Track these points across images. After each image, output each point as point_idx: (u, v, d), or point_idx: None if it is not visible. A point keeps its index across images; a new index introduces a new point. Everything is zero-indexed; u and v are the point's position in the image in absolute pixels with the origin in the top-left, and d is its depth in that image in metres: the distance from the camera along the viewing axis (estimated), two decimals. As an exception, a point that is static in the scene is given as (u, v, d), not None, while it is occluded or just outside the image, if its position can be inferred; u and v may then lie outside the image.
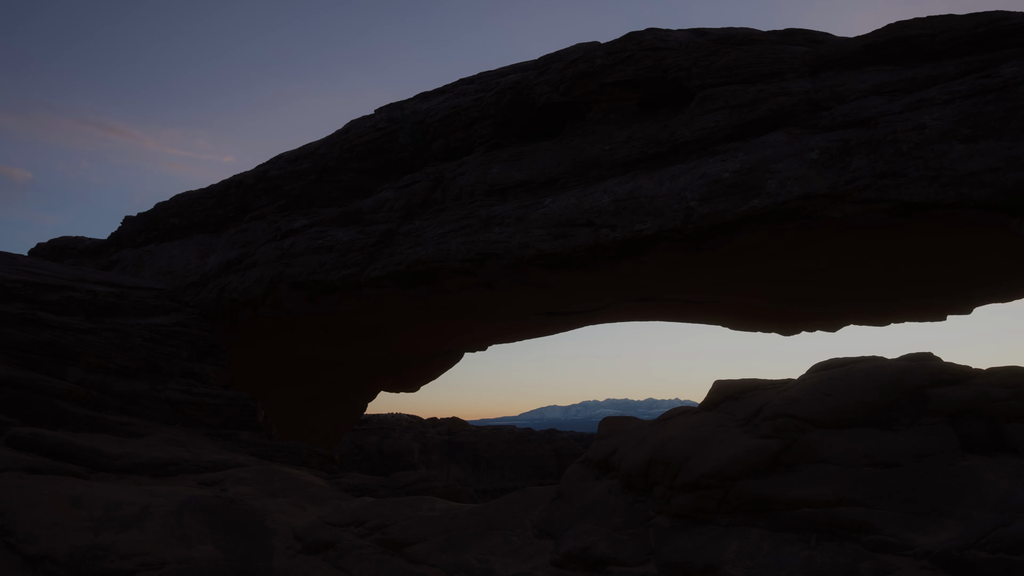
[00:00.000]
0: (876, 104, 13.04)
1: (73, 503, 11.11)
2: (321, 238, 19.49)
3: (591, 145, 16.37)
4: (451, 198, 18.03)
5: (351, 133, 22.18)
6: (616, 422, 11.45)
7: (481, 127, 19.05)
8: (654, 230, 14.26)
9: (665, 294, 17.85)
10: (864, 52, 13.95)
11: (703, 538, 7.64)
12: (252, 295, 20.04)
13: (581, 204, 15.30)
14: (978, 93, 11.91)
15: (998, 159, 11.20)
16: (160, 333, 19.17)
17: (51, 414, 15.47)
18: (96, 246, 29.12)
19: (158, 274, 24.29)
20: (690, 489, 8.12)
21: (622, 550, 8.06)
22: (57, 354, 17.09)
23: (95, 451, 13.68)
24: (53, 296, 18.64)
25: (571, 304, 18.81)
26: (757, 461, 7.89)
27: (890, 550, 6.55)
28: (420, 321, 20.90)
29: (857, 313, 17.58)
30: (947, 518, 6.63)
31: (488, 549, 9.64)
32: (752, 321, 19.37)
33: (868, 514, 6.88)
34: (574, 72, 16.95)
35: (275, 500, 12.91)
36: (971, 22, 13.14)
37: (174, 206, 26.66)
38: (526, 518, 10.22)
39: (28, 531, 10.22)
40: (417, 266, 17.10)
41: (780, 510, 7.40)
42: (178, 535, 10.73)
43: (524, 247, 15.65)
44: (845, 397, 8.26)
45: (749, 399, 9.22)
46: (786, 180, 13.03)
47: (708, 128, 14.68)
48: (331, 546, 10.77)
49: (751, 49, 15.18)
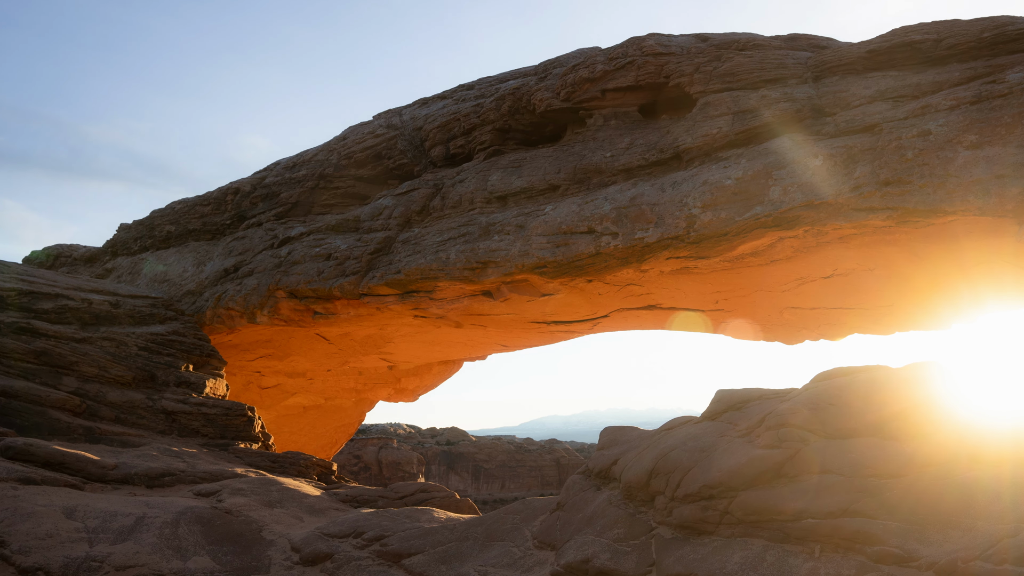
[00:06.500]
0: (880, 110, 12.95)
1: (67, 514, 11.01)
2: (319, 246, 19.41)
3: (592, 152, 16.29)
4: (450, 205, 17.95)
5: (349, 140, 22.11)
6: (617, 432, 11.37)
7: (481, 133, 18.98)
8: (656, 238, 14.19)
9: (667, 302, 17.77)
10: (868, 58, 13.86)
11: (705, 549, 7.53)
12: (249, 304, 19.96)
13: (582, 211, 15.22)
14: (984, 99, 11.80)
15: (1004, 166, 11.09)
16: (156, 342, 19.07)
17: (46, 424, 15.38)
18: (91, 254, 29.05)
19: (154, 282, 24.21)
20: (692, 500, 8.01)
21: (623, 562, 7.95)
22: (52, 363, 17.01)
23: (90, 461, 13.56)
24: (48, 304, 18.55)
25: (572, 313, 18.72)
26: (760, 472, 7.78)
27: (895, 561, 6.44)
28: (419, 330, 20.81)
29: (860, 322, 17.47)
30: (951, 529, 6.52)
31: (488, 561, 9.55)
32: (754, 329, 19.27)
33: (872, 525, 6.77)
34: (575, 78, 16.88)
35: (272, 511, 12.82)
36: (976, 27, 13.04)
37: (170, 213, 26.56)
38: (526, 529, 10.14)
39: (22, 543, 10.11)
40: (416, 274, 17.03)
41: (783, 521, 7.29)
42: (174, 546, 10.65)
43: (524, 255, 15.58)
44: (848, 407, 8.14)
45: (752, 409, 9.11)
46: (789, 187, 12.95)
47: (710, 134, 14.60)
48: (329, 557, 10.69)
49: (754, 55, 15.10)
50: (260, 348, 22.97)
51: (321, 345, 22.56)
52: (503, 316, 18.81)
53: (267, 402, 25.53)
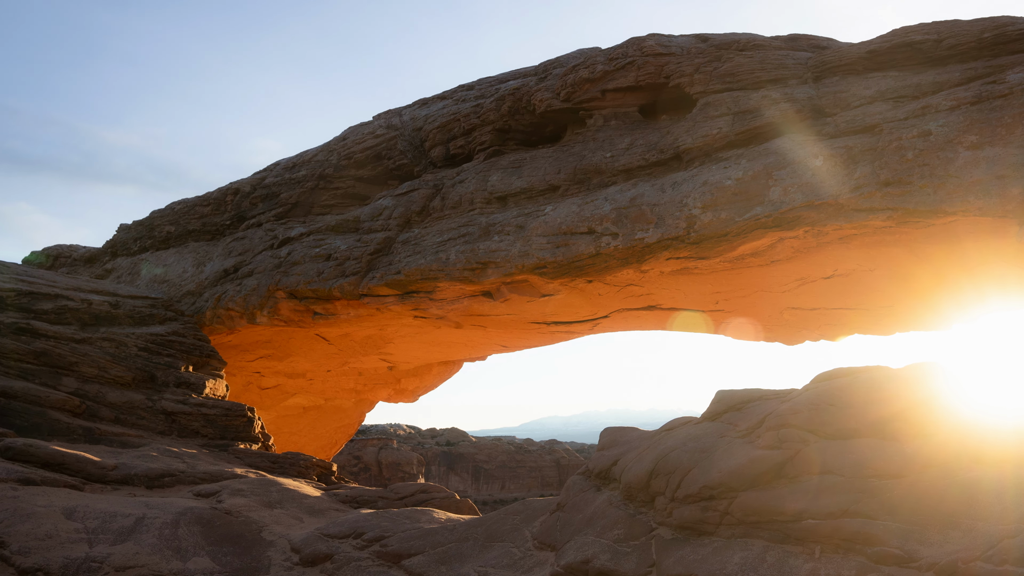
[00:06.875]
0: (881, 110, 12.93)
1: (67, 515, 11.00)
2: (319, 246, 19.40)
3: (592, 152, 16.27)
4: (450, 206, 17.93)
5: (349, 140, 22.09)
6: (617, 432, 11.36)
7: (481, 134, 18.96)
8: (656, 238, 14.18)
9: (667, 303, 17.75)
10: (868, 58, 13.84)
11: (705, 550, 7.51)
12: (249, 304, 19.95)
13: (582, 212, 15.21)
14: (984, 99, 11.78)
15: (1004, 166, 11.08)
16: (156, 343, 19.06)
17: (45, 425, 15.37)
18: (91, 254, 29.02)
19: (153, 283, 24.19)
20: (692, 501, 8.00)
21: (623, 563, 7.93)
22: (51, 364, 16.99)
23: (90, 462, 13.55)
24: (47, 305, 18.53)
25: (572, 313, 18.70)
26: (760, 472, 7.76)
27: (895, 562, 6.43)
28: (419, 330, 20.80)
29: (861, 322, 17.46)
30: (952, 529, 6.50)
31: (488, 561, 9.54)
32: (755, 330, 19.25)
33: (873, 526, 6.75)
34: (575, 78, 16.86)
35: (272, 512, 12.81)
36: (977, 27, 13.01)
37: (170, 213, 26.53)
38: (526, 530, 10.13)
39: (22, 543, 10.10)
40: (416, 275, 17.02)
41: (784, 522, 7.27)
42: (174, 547, 10.64)
43: (524, 256, 15.56)
44: (849, 408, 8.12)
45: (752, 409, 9.10)
46: (790, 188, 12.94)
47: (711, 135, 14.58)
48: (329, 558, 10.68)
49: (754, 55, 15.08)
50: (260, 349, 22.95)
51: (321, 346, 22.54)
52: (503, 317, 18.79)
53: (267, 403, 25.52)
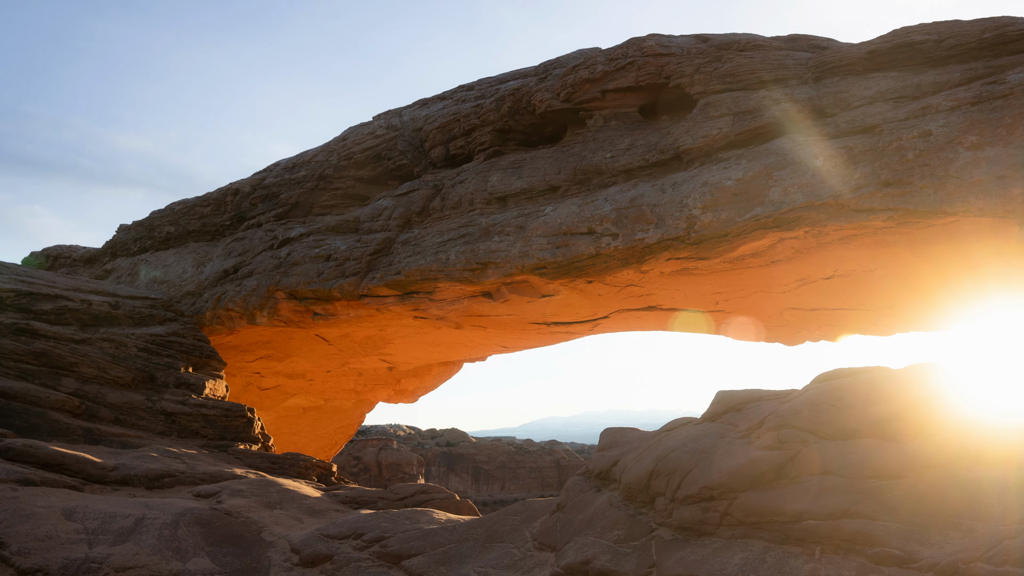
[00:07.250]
0: (881, 111, 12.92)
1: (67, 515, 11.00)
2: (318, 247, 19.39)
3: (592, 152, 16.27)
4: (450, 206, 17.93)
5: (349, 140, 22.08)
6: (617, 433, 11.36)
7: (481, 134, 18.95)
8: (656, 238, 14.18)
9: (667, 303, 17.74)
10: (869, 58, 13.82)
11: (706, 551, 7.51)
12: (249, 305, 19.94)
13: (582, 212, 15.20)
14: (984, 100, 11.76)
15: (1004, 167, 11.07)
16: (155, 343, 19.05)
17: (45, 425, 15.36)
18: (90, 255, 29.01)
19: (153, 283, 24.17)
20: (692, 501, 8.00)
21: (623, 563, 7.93)
22: (51, 364, 16.98)
23: (89, 463, 13.54)
24: (47, 305, 18.52)
25: (572, 314, 18.69)
26: (760, 473, 7.76)
27: (895, 563, 6.43)
28: (419, 331, 20.79)
29: (861, 322, 17.45)
30: (952, 530, 6.50)
31: (488, 562, 9.54)
32: (755, 330, 19.24)
33: (873, 526, 6.75)
34: (575, 78, 16.85)
35: (272, 512, 12.80)
36: (977, 28, 13.00)
37: (169, 214, 26.51)
38: (526, 530, 10.12)
39: (21, 544, 10.10)
40: (415, 275, 17.01)
41: (784, 522, 7.27)
42: (173, 548, 10.64)
43: (524, 256, 15.56)
44: (849, 408, 8.12)
45: (752, 410, 9.10)
46: (790, 188, 12.93)
47: (711, 135, 14.57)
48: (329, 559, 10.68)
49: (754, 55, 15.06)
50: (260, 349, 22.94)
51: (321, 346, 22.54)
52: (503, 317, 18.79)
53: (267, 403, 25.51)
